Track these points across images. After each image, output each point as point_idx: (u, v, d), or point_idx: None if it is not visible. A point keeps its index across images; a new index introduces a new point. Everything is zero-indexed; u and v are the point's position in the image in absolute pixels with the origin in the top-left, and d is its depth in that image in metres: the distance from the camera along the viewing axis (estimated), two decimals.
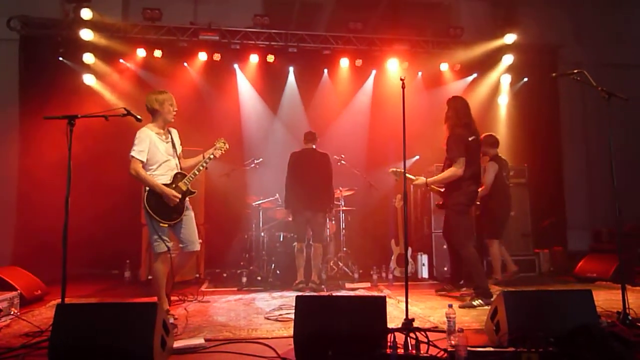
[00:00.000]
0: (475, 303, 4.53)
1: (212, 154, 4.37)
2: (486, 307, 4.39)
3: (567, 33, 9.37)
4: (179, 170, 4.25)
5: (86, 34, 7.17)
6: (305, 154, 6.07)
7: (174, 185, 4.09)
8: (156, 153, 4.08)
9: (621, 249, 3.82)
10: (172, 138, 4.33)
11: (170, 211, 4.02)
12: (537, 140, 8.24)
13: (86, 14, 7.18)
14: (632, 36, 9.64)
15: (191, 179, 4.19)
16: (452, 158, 4.78)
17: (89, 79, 7.37)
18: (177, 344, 3.10)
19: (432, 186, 5.07)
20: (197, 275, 6.46)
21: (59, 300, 3.18)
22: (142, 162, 3.98)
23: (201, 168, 4.25)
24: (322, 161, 6.04)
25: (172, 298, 4.96)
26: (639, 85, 9.12)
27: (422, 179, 4.94)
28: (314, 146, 6.09)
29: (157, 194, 3.97)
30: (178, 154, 4.35)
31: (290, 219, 6.15)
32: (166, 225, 4.01)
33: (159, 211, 3.98)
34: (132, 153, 3.97)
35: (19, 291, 4.48)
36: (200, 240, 4.45)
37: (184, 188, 4.13)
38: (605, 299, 4.70)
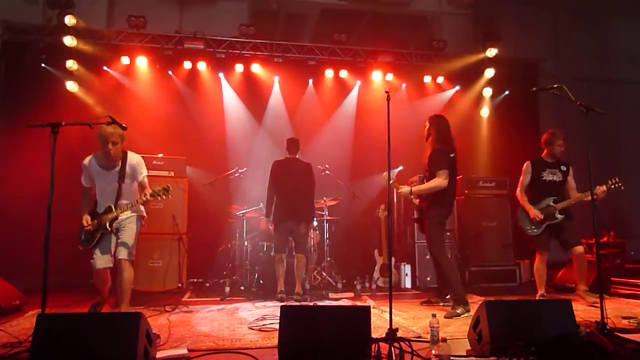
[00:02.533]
0: (459, 311, 4.59)
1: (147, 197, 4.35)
2: (468, 315, 4.45)
3: (547, 47, 9.61)
4: (121, 201, 4.41)
5: (69, 41, 7.10)
6: (289, 163, 6.05)
7: (101, 215, 4.37)
8: (94, 180, 4.51)
9: (599, 260, 3.90)
10: (124, 166, 4.42)
11: (84, 238, 4.37)
12: (518, 152, 8.35)
13: (70, 20, 7.11)
14: (609, 51, 9.94)
15: (115, 216, 4.35)
16: (434, 171, 4.86)
17: (71, 86, 7.29)
18: (160, 354, 3.07)
19: (412, 200, 5.16)
20: (180, 285, 6.39)
21: (38, 311, 3.13)
22: (85, 187, 4.58)
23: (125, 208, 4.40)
24: (305, 171, 6.03)
25: (153, 308, 4.94)
26: (616, 99, 9.43)
27: (407, 188, 5.00)
28: (297, 155, 6.09)
29: None
30: (131, 181, 4.48)
31: (271, 227, 6.12)
32: (80, 248, 4.40)
33: (79, 233, 4.42)
34: None
35: None
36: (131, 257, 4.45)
37: (103, 222, 4.33)
38: (584, 309, 4.79)
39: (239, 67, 7.92)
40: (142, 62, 7.56)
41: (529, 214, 5.33)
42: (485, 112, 8.68)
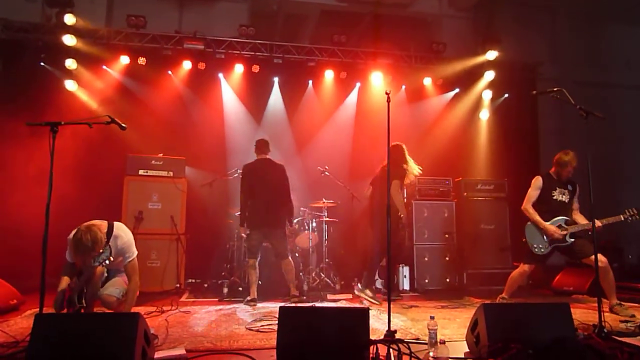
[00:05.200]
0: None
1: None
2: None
3: (546, 51, 9.64)
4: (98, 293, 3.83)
5: (68, 40, 7.06)
6: (261, 165, 5.87)
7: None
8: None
9: (597, 263, 3.90)
10: (106, 257, 3.59)
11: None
12: (517, 155, 8.40)
13: (69, 19, 7.08)
14: (608, 56, 9.97)
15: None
16: None
17: (70, 85, 7.27)
18: (158, 354, 3.06)
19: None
20: (178, 286, 6.38)
21: (36, 310, 3.12)
22: (68, 262, 3.83)
23: None
24: (278, 173, 5.85)
25: (150, 309, 4.92)
26: (614, 103, 9.46)
27: None
28: (268, 156, 5.95)
29: None
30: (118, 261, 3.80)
31: (245, 235, 5.95)
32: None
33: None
34: None
35: None
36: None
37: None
38: (582, 312, 4.80)
39: (239, 68, 7.89)
40: (141, 62, 7.52)
41: (544, 232, 5.00)
42: (484, 114, 8.68)
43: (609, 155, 9.02)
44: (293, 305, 5.23)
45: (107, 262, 3.55)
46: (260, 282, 6.28)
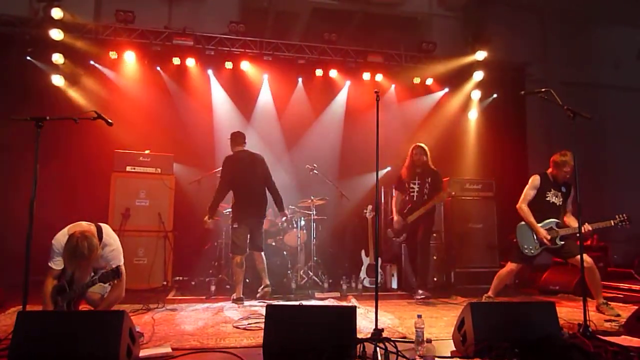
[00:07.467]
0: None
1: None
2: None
3: (535, 52, 9.72)
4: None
5: (56, 34, 6.97)
6: (241, 157, 5.78)
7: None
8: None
9: (583, 263, 3.94)
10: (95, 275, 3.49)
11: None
12: (505, 155, 8.46)
13: (57, 13, 6.98)
14: (595, 57, 10.07)
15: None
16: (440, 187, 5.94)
17: (57, 80, 7.17)
18: (143, 352, 3.03)
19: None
20: (165, 283, 6.34)
21: (19, 307, 3.07)
22: (53, 270, 3.61)
23: None
24: (259, 162, 5.81)
25: (137, 306, 4.88)
26: (601, 104, 9.56)
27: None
28: (245, 147, 5.89)
29: None
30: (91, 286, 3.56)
31: (211, 226, 5.87)
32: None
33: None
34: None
35: None
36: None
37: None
38: (568, 311, 4.85)
39: (228, 65, 7.86)
40: (130, 58, 7.45)
41: (535, 233, 5.00)
42: (473, 114, 8.73)
43: (597, 156, 9.13)
44: (281, 303, 5.20)
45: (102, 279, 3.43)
46: (247, 280, 6.27)
